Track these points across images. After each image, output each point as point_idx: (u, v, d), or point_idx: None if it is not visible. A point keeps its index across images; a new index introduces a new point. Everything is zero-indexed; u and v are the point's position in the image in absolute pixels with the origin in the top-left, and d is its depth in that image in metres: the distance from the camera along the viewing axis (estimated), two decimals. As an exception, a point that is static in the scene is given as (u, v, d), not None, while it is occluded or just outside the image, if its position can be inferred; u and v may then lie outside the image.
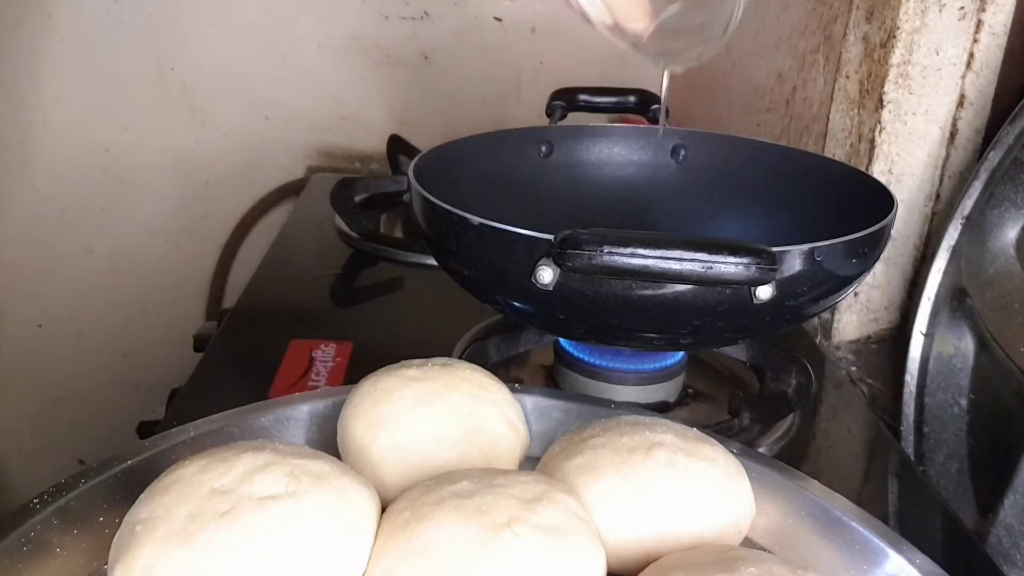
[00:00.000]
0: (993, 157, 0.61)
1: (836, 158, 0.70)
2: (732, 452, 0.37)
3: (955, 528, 0.50)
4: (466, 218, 0.45)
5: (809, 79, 0.77)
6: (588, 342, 0.54)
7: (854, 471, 0.56)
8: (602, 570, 0.30)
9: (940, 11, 0.63)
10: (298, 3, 1.14)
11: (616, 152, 0.66)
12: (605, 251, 0.38)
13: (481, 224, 0.45)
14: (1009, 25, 0.63)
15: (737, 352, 0.60)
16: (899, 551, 0.34)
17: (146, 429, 0.75)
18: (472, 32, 1.17)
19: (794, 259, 0.42)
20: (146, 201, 1.20)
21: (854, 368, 0.69)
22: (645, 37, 0.46)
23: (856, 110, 0.69)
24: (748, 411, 0.54)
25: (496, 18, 1.16)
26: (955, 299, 0.63)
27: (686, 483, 0.34)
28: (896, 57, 0.64)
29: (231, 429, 0.39)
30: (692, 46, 0.48)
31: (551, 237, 0.41)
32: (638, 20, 0.46)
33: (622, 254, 0.38)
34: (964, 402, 0.62)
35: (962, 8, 0.63)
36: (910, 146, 0.66)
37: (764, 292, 0.41)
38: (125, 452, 0.36)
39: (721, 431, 0.47)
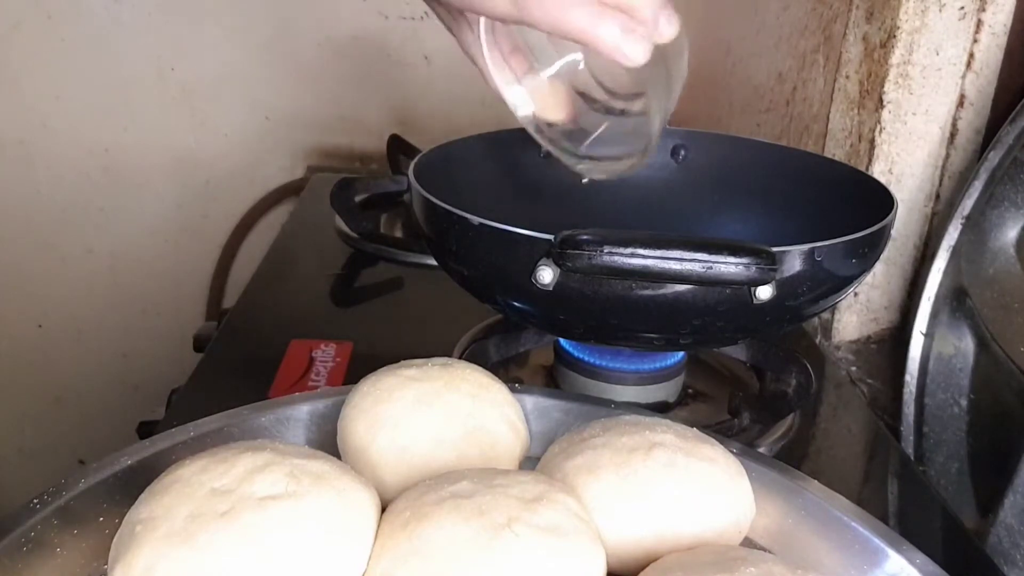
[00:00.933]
0: (993, 157, 0.61)
1: (836, 158, 0.70)
2: (732, 452, 0.37)
3: (955, 528, 0.50)
4: (466, 218, 0.45)
5: (809, 79, 0.77)
6: (588, 342, 0.54)
7: (854, 471, 0.56)
8: (602, 570, 0.30)
9: (940, 11, 0.63)
10: (298, 3, 1.14)
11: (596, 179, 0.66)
12: (605, 251, 0.38)
13: (481, 224, 0.45)
14: (1009, 25, 0.63)
15: (737, 352, 0.60)
16: (899, 551, 0.34)
17: (146, 429, 0.74)
18: (472, 32, 1.16)
19: (794, 259, 0.42)
20: (146, 201, 1.20)
21: (854, 368, 0.69)
22: (563, 128, 0.47)
23: (856, 110, 0.69)
24: (748, 411, 0.54)
25: (496, 18, 1.16)
26: (955, 299, 0.63)
27: (686, 483, 0.34)
28: (896, 57, 0.64)
29: (231, 429, 0.39)
30: (616, 158, 0.48)
31: (551, 237, 0.41)
32: (557, 111, 0.47)
33: (622, 254, 0.38)
34: (964, 402, 0.62)
35: (962, 8, 0.63)
36: (910, 146, 0.66)
37: (764, 292, 0.41)
38: (125, 452, 0.36)
39: (721, 431, 0.47)
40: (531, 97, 0.46)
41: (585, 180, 0.51)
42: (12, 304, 1.22)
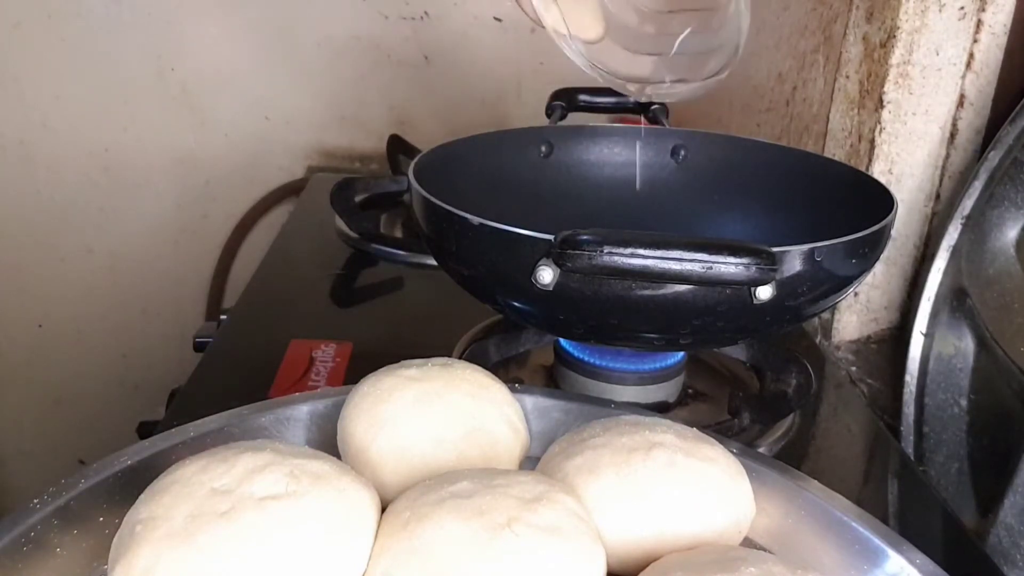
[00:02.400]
0: (993, 157, 0.61)
1: (836, 158, 0.70)
2: (732, 452, 0.37)
3: (955, 528, 0.50)
4: (466, 218, 0.45)
5: (809, 79, 0.77)
6: (588, 342, 0.54)
7: (854, 471, 0.56)
8: (602, 570, 0.30)
9: (940, 11, 0.63)
10: (298, 3, 1.14)
11: (616, 152, 0.66)
12: (605, 251, 0.38)
13: (481, 224, 0.45)
14: (1009, 25, 0.63)
15: (737, 352, 0.60)
16: (899, 551, 0.34)
17: (146, 429, 0.74)
18: (472, 32, 1.17)
19: (794, 259, 0.42)
20: (146, 201, 1.20)
21: (854, 368, 0.69)
22: (597, 46, 0.46)
23: (856, 110, 0.69)
24: (748, 411, 0.54)
25: (496, 18, 1.16)
26: (955, 299, 0.63)
27: (686, 483, 0.34)
28: (896, 57, 0.64)
29: (231, 429, 0.39)
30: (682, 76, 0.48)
31: (551, 237, 0.41)
32: (590, 29, 0.46)
33: (622, 254, 0.38)
34: (964, 402, 0.62)
35: (962, 8, 0.63)
36: (910, 146, 0.66)
37: (764, 292, 0.41)
38: (125, 452, 0.36)
39: (721, 431, 0.47)
40: (566, 19, 0.46)
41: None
42: (12, 304, 1.22)
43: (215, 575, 0.28)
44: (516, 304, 0.48)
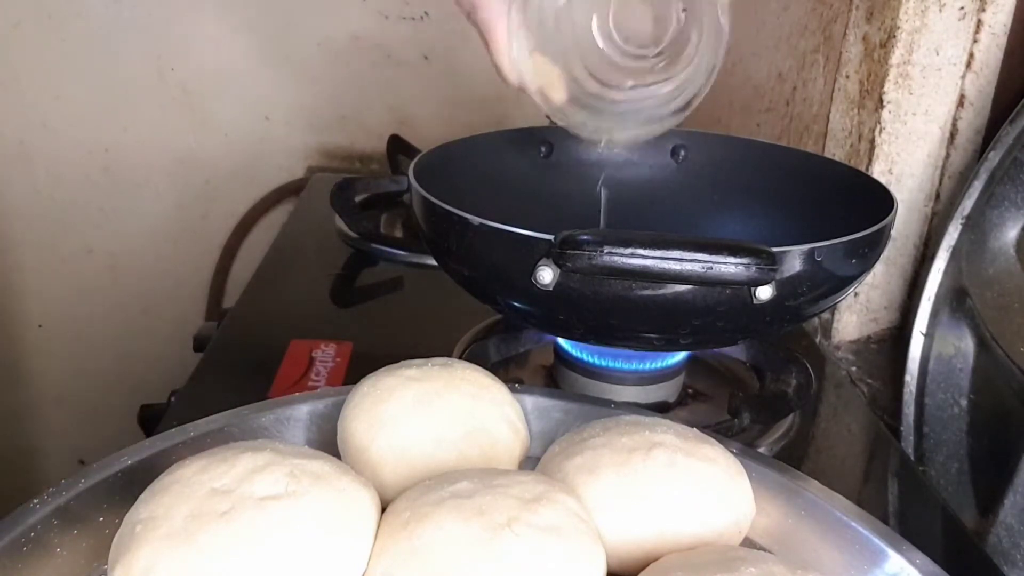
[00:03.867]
0: (993, 157, 0.61)
1: (836, 158, 0.70)
2: (732, 452, 0.37)
3: (955, 528, 0.50)
4: (466, 218, 0.45)
5: (809, 79, 0.77)
6: (588, 342, 0.54)
7: (854, 471, 0.56)
8: (602, 570, 0.30)
9: (940, 11, 0.63)
10: (298, 3, 1.14)
11: (616, 152, 0.66)
12: (605, 251, 0.38)
13: (481, 224, 0.45)
14: (1009, 25, 0.63)
15: (737, 352, 0.60)
16: (899, 551, 0.34)
17: (147, 413, 0.75)
18: (472, 32, 1.16)
19: (794, 259, 0.42)
20: (146, 201, 1.20)
21: (854, 368, 0.69)
22: (563, 107, 0.48)
23: (856, 110, 0.69)
24: (748, 411, 0.54)
25: (496, 18, 1.16)
26: (955, 299, 0.63)
27: (686, 483, 0.34)
28: (896, 57, 0.64)
29: (231, 429, 0.39)
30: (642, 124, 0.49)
31: (551, 237, 0.41)
32: (556, 90, 0.47)
33: (622, 254, 0.38)
34: (964, 402, 0.62)
35: (962, 8, 0.63)
36: (910, 146, 0.66)
37: (764, 292, 0.41)
38: (125, 452, 0.36)
39: (721, 431, 0.47)
40: (538, 71, 0.47)
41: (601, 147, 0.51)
42: (12, 304, 1.22)
43: (215, 575, 0.28)
44: (516, 304, 0.48)
